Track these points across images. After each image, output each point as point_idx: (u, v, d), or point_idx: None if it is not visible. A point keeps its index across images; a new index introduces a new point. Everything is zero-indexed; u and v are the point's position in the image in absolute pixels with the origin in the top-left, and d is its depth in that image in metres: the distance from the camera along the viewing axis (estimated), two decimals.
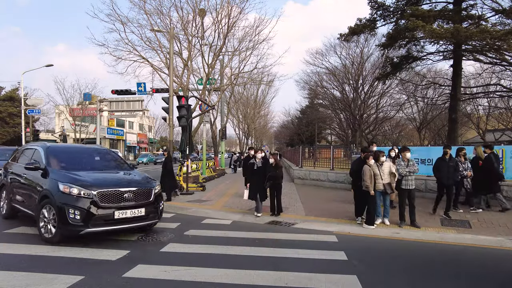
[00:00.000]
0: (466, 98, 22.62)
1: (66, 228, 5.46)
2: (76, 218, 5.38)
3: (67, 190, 5.56)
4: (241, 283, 4.11)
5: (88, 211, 5.42)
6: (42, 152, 6.73)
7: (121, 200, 5.75)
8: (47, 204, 5.76)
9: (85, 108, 38.72)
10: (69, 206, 5.43)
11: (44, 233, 5.77)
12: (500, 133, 30.32)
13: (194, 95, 17.68)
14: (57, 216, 5.49)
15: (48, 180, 5.98)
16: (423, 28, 14.22)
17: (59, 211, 5.46)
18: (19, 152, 7.91)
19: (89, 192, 5.54)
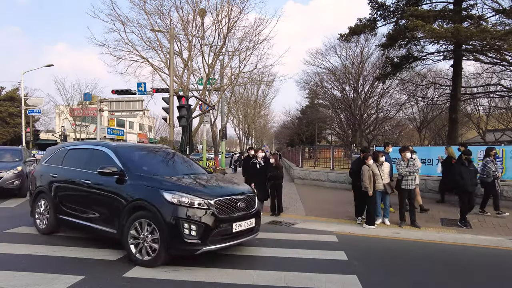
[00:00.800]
0: (467, 98, 22.62)
1: (179, 247, 4.44)
2: (192, 234, 4.37)
3: (176, 200, 4.47)
4: (241, 283, 4.11)
5: (206, 226, 4.44)
6: (111, 153, 5.55)
7: (236, 210, 4.87)
8: (143, 218, 4.62)
9: (86, 108, 38.74)
10: (183, 220, 4.39)
11: (139, 255, 4.61)
12: (501, 133, 30.30)
13: (194, 95, 17.68)
14: (167, 234, 4.37)
15: (137, 188, 4.87)
16: (423, 28, 14.22)
17: (169, 227, 4.37)
18: (59, 153, 6.60)
19: (206, 202, 4.53)
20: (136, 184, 4.93)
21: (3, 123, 37.85)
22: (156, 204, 4.52)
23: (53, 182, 6.14)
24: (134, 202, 4.76)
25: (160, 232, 4.44)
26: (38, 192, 6.45)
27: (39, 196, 6.43)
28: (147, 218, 4.58)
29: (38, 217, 6.39)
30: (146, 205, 4.62)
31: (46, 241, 5.80)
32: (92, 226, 5.33)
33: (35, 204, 6.48)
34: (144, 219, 4.62)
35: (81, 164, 5.87)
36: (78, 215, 5.60)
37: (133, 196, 4.81)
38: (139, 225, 4.65)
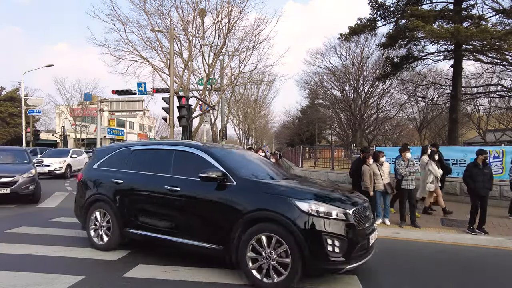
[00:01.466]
0: (467, 98, 22.60)
1: (320, 266, 3.81)
2: (335, 251, 3.73)
3: (313, 210, 3.78)
4: (241, 283, 4.11)
5: (350, 240, 3.81)
6: (203, 154, 4.72)
7: (366, 220, 4.31)
8: (266, 232, 3.88)
9: (86, 108, 38.80)
10: (324, 234, 3.72)
11: (261, 276, 3.90)
12: (501, 133, 30.30)
13: (194, 95, 17.71)
14: (305, 251, 3.68)
15: (252, 195, 4.10)
16: (423, 28, 14.21)
17: (308, 243, 3.68)
18: (117, 155, 5.61)
19: (344, 212, 3.89)
20: (250, 191, 4.16)
21: (3, 123, 37.90)
22: (288, 216, 3.78)
23: (119, 190, 5.16)
24: (253, 213, 3.98)
25: (293, 249, 3.72)
26: (93, 201, 5.45)
27: (95, 206, 5.43)
28: (273, 232, 3.85)
29: (95, 230, 5.43)
30: (272, 217, 3.87)
31: (46, 241, 5.80)
32: (182, 241, 4.48)
33: (89, 215, 5.47)
34: (267, 233, 3.88)
35: (161, 168, 4.95)
36: (159, 228, 4.72)
37: (251, 206, 4.01)
38: (258, 241, 3.91)
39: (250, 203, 4.06)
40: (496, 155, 9.78)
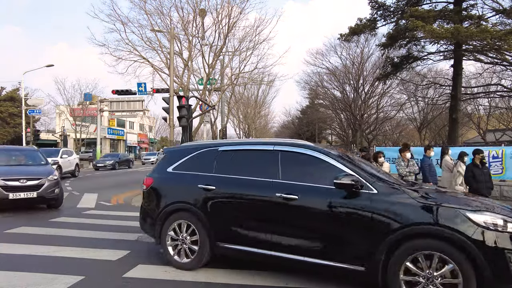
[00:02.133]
0: (467, 98, 22.61)
1: None
2: None
3: (490, 222, 3.24)
4: (241, 283, 4.11)
5: None
6: (323, 156, 4.05)
7: None
8: (426, 250, 3.27)
9: (86, 108, 38.82)
10: (507, 251, 3.16)
11: None
12: (501, 133, 30.30)
13: (194, 95, 17.71)
14: (487, 271, 3.10)
15: (403, 205, 3.45)
16: (423, 28, 14.22)
17: (491, 262, 3.10)
18: (199, 156, 4.76)
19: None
20: (397, 200, 3.51)
21: (3, 123, 37.91)
22: (460, 230, 3.19)
23: (209, 197, 4.37)
24: (408, 228, 3.34)
25: (465, 269, 3.14)
26: (172, 211, 4.59)
27: (174, 217, 4.57)
28: (435, 250, 3.24)
29: (175, 246, 4.54)
30: (436, 232, 3.27)
31: (47, 241, 5.80)
32: (302, 260, 3.80)
33: (165, 227, 4.59)
34: (427, 251, 3.27)
35: (264, 172, 4.21)
36: (267, 243, 4.01)
37: (403, 219, 3.37)
38: (413, 261, 3.32)
39: (401, 215, 3.40)
40: (496, 155, 9.78)
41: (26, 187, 8.22)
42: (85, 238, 6.08)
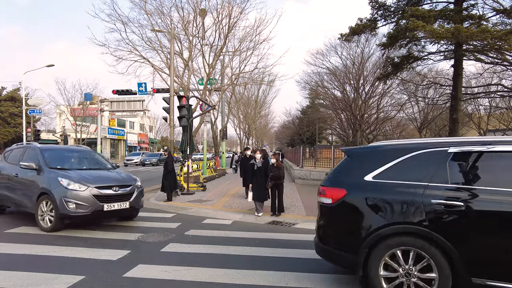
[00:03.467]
0: (467, 98, 22.59)
1: None
2: None
3: None
4: (241, 283, 4.12)
5: None
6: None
7: None
8: None
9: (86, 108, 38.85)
10: None
11: None
12: (501, 133, 30.28)
13: (194, 95, 17.69)
14: None
15: None
16: (423, 28, 14.21)
17: None
18: (411, 160, 3.66)
19: None
20: None
21: (4, 123, 37.93)
22: None
23: (455, 216, 3.28)
24: None
25: None
26: (389, 235, 3.49)
27: (392, 242, 3.47)
28: None
29: (392, 279, 3.46)
30: None
31: (47, 241, 5.81)
32: None
33: (376, 256, 3.51)
34: None
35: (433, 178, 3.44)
36: None
37: None
38: None
39: None
40: None
41: (119, 197, 6.85)
42: (85, 238, 6.09)
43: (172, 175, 11.03)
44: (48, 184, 6.59)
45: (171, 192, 10.85)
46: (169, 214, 8.80)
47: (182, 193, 12.05)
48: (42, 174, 6.86)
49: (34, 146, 7.68)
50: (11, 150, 8.40)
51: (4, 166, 8.02)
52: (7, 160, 8.13)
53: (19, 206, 7.37)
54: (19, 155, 7.80)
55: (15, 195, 7.39)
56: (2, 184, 7.80)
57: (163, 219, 8.08)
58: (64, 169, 7.10)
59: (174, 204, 10.18)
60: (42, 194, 6.64)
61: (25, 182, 7.18)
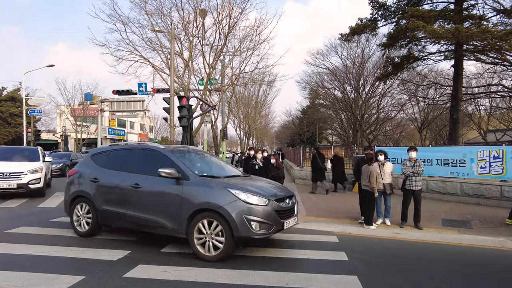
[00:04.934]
0: (468, 98, 22.60)
1: None
2: None
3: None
4: (241, 283, 4.11)
5: None
6: None
7: None
8: None
9: (86, 108, 38.86)
10: None
11: None
12: (502, 133, 30.26)
13: (195, 95, 17.70)
14: None
15: None
16: (424, 28, 14.21)
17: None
18: None
19: None
20: None
21: (4, 123, 37.95)
22: None
23: None
24: None
25: None
26: None
27: None
28: None
29: None
30: None
31: (47, 242, 5.81)
32: None
33: None
34: None
35: None
36: None
37: None
38: None
39: None
40: (496, 155, 9.76)
41: (290, 211, 5.58)
42: (86, 238, 6.08)
43: None
44: (214, 198, 5.00)
45: None
46: None
47: None
48: (189, 184, 5.22)
49: (155, 147, 6.06)
50: (104, 152, 6.53)
51: (102, 174, 6.14)
52: (103, 165, 6.29)
53: (146, 227, 5.54)
54: (127, 159, 6.15)
55: (138, 212, 5.53)
56: (108, 197, 5.97)
57: None
58: (214, 177, 5.62)
59: None
60: (201, 211, 5.04)
61: (157, 194, 5.45)
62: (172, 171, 5.27)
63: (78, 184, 6.34)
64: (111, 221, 6.02)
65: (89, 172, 6.29)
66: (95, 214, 6.00)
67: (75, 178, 6.45)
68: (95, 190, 6.05)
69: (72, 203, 6.35)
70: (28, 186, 10.27)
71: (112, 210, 5.83)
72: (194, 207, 5.06)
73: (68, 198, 6.45)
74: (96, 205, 5.97)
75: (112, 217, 5.88)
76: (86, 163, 6.60)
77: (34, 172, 10.56)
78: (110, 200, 5.90)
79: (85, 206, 6.16)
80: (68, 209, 6.45)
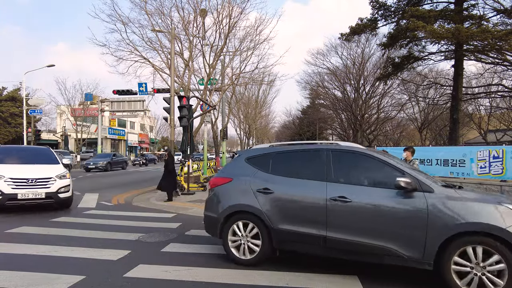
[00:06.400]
0: (468, 98, 22.58)
1: None
2: None
3: None
4: (242, 283, 4.12)
5: None
6: None
7: None
8: None
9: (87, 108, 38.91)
10: None
11: None
12: (502, 133, 30.26)
13: (195, 95, 17.71)
14: None
15: None
16: (424, 28, 14.21)
17: None
18: None
19: None
20: None
21: (4, 123, 37.97)
22: None
23: None
24: None
25: None
26: None
27: None
28: None
29: None
30: None
31: (47, 241, 5.82)
32: None
33: None
34: None
35: None
36: None
37: None
38: None
39: None
40: (496, 154, 9.76)
41: None
42: (86, 238, 6.09)
43: (172, 175, 11.05)
44: (489, 218, 3.65)
45: (171, 192, 10.87)
46: (169, 214, 8.80)
47: (182, 193, 12.06)
48: (435, 198, 3.93)
49: (358, 148, 4.76)
50: (267, 155, 5.04)
51: (277, 183, 4.71)
52: (271, 172, 4.85)
53: (363, 255, 4.19)
54: (308, 164, 4.75)
55: (349, 235, 4.20)
56: (290, 213, 4.54)
57: (163, 219, 8.09)
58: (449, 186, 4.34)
59: (174, 204, 10.19)
60: (465, 236, 3.71)
61: (382, 211, 4.09)
62: (411, 181, 4.00)
63: (236, 196, 4.85)
64: (294, 245, 4.53)
65: (253, 181, 4.82)
66: (268, 235, 4.58)
67: (229, 188, 4.97)
68: (268, 203, 4.62)
69: (227, 221, 4.85)
70: (57, 196, 8.51)
71: (298, 232, 4.41)
72: (455, 230, 3.72)
73: (219, 214, 4.88)
74: (269, 223, 4.55)
75: (298, 240, 4.46)
76: (242, 169, 5.06)
77: (62, 177, 8.78)
78: (295, 217, 4.48)
79: (251, 225, 4.71)
80: (218, 229, 4.89)
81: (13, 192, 8.02)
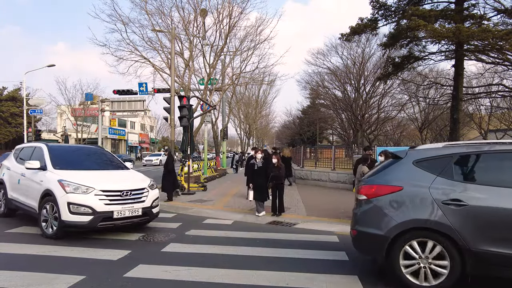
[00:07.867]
0: (468, 98, 22.55)
1: None
2: None
3: None
4: (242, 283, 4.11)
5: None
6: None
7: None
8: None
9: (87, 108, 38.86)
10: None
11: None
12: (502, 133, 30.21)
13: (195, 95, 17.71)
14: None
15: None
16: (425, 27, 14.19)
17: None
18: None
19: None
20: None
21: (5, 123, 37.97)
22: None
23: None
24: None
25: None
26: None
27: None
28: None
29: None
30: None
31: (47, 241, 5.81)
32: None
33: None
34: None
35: None
36: None
37: None
38: None
39: None
40: None
41: None
42: (86, 238, 6.08)
43: (172, 175, 11.04)
44: None
45: (171, 192, 10.86)
46: (169, 214, 8.80)
47: (182, 193, 12.05)
48: None
49: None
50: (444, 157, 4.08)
51: (469, 193, 3.79)
52: (462, 179, 3.95)
53: None
54: None
55: None
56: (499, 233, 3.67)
57: (163, 219, 8.08)
58: None
59: (174, 204, 10.19)
60: None
61: None
62: None
63: (412, 209, 3.91)
64: (502, 271, 3.65)
65: (435, 190, 3.86)
66: (460, 257, 3.70)
67: (399, 199, 4.00)
68: (460, 218, 3.70)
69: (398, 240, 3.90)
70: (152, 212, 6.61)
71: (509, 254, 3.52)
72: None
73: (386, 232, 3.93)
74: (463, 242, 3.66)
75: (509, 265, 3.57)
76: (411, 174, 4.07)
77: (151, 187, 6.81)
78: (505, 237, 3.59)
79: (430, 243, 3.82)
80: (383, 250, 3.95)
81: (107, 210, 5.92)
